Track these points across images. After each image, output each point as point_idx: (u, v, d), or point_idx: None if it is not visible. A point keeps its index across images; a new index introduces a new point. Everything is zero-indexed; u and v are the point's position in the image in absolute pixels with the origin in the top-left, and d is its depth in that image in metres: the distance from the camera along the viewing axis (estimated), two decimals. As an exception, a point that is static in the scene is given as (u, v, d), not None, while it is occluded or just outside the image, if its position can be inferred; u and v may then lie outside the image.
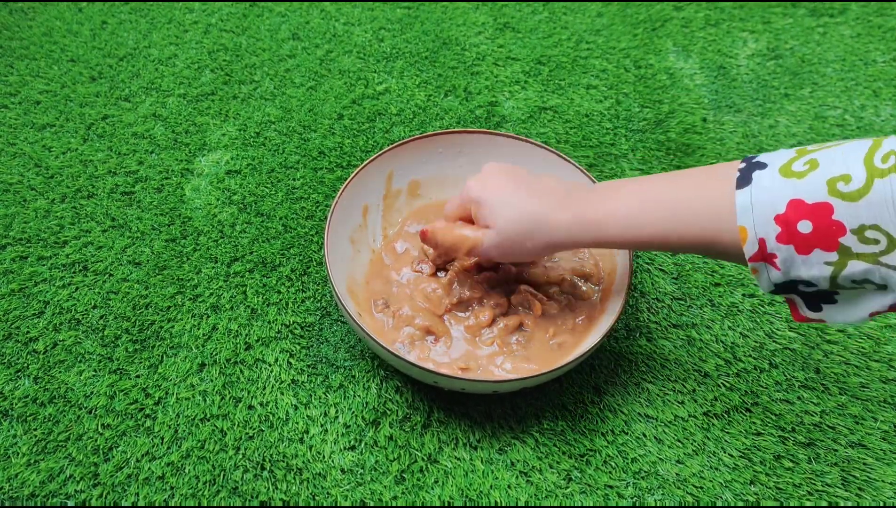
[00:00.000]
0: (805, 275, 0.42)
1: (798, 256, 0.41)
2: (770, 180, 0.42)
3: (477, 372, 0.61)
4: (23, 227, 0.74)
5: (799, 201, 0.40)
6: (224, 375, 0.63)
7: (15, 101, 0.86)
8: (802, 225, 0.40)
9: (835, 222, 0.39)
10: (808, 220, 0.40)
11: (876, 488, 0.58)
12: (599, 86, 0.90)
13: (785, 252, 0.41)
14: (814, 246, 0.40)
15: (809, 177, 0.40)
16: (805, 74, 0.92)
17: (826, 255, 0.40)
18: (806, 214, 0.40)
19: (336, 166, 0.80)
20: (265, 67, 0.92)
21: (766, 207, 0.41)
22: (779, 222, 0.41)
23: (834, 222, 0.39)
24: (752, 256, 0.43)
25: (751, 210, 0.42)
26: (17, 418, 0.60)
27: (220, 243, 0.73)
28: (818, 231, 0.40)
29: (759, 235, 0.42)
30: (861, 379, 0.64)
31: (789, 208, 0.40)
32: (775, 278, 0.43)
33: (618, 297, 0.61)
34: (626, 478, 0.58)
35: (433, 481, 0.58)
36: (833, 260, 0.40)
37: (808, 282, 0.42)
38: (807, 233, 0.40)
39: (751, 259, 0.43)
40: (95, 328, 0.66)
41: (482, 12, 1.00)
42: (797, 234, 0.40)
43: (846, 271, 0.40)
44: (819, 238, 0.40)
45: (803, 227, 0.40)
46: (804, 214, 0.40)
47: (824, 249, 0.40)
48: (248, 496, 0.57)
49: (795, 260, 0.41)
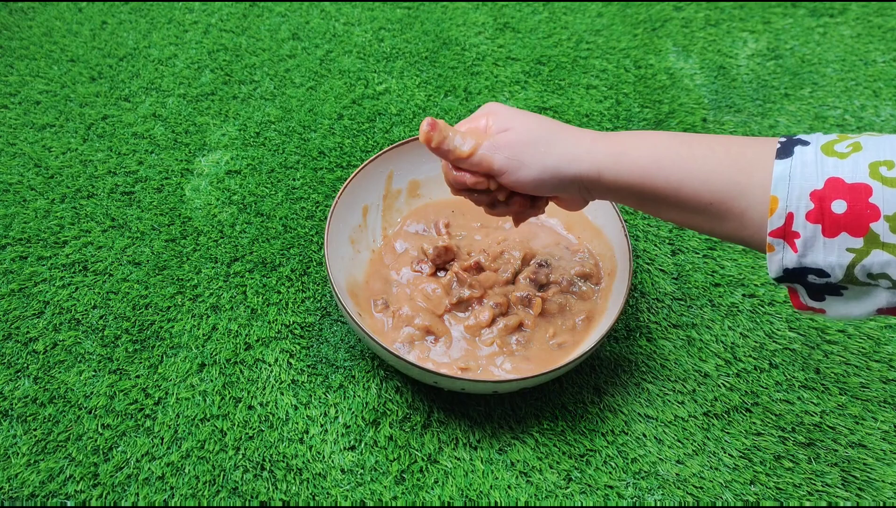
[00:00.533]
0: (821, 261, 0.40)
1: (822, 238, 0.40)
2: (813, 156, 0.40)
3: (477, 372, 0.61)
4: (23, 227, 0.74)
5: (838, 179, 0.39)
6: (224, 375, 0.63)
7: (15, 101, 0.86)
8: (837, 205, 0.39)
9: (870, 205, 0.38)
10: (845, 200, 0.39)
11: (876, 488, 0.58)
12: (599, 86, 0.90)
13: (809, 232, 0.40)
14: (842, 229, 0.39)
15: (852, 158, 0.39)
16: (805, 74, 0.92)
17: (851, 240, 0.39)
18: (843, 193, 0.39)
19: (336, 166, 0.80)
20: (265, 66, 0.92)
21: (805, 180, 0.40)
22: (814, 198, 0.40)
23: (869, 205, 0.38)
24: (775, 230, 0.41)
25: (788, 181, 0.40)
26: (17, 418, 0.60)
27: (220, 243, 0.73)
28: (851, 213, 0.39)
29: (789, 208, 0.40)
30: (861, 379, 0.64)
31: (827, 185, 0.39)
32: (789, 260, 0.42)
33: (618, 297, 0.61)
34: (626, 478, 0.58)
35: (433, 481, 0.58)
36: (857, 247, 0.39)
37: (821, 271, 0.41)
38: (839, 214, 0.39)
39: (771, 233, 0.41)
40: (95, 328, 0.66)
41: (482, 12, 1.00)
42: (829, 213, 0.39)
43: (866, 260, 0.39)
44: (850, 220, 0.39)
45: (837, 207, 0.39)
46: (842, 193, 0.39)
47: (852, 233, 0.39)
48: (248, 496, 0.57)
49: (817, 242, 0.40)
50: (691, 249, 0.73)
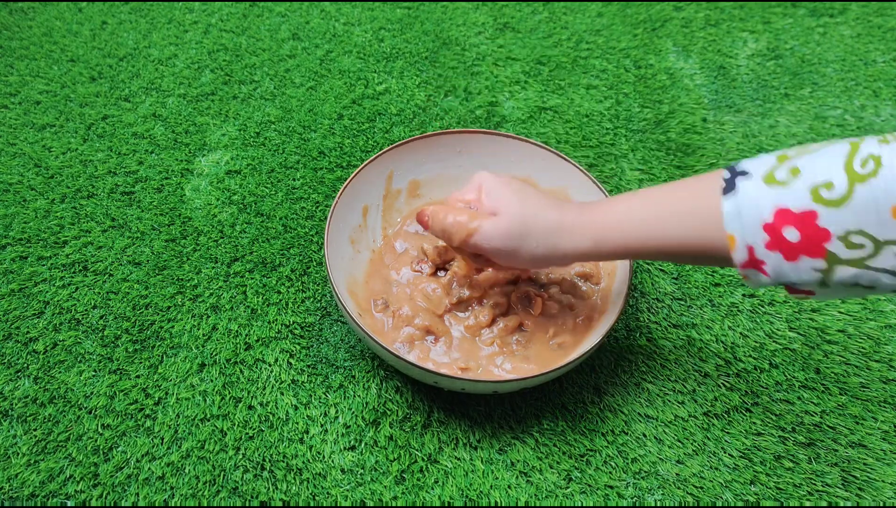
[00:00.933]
0: (795, 279, 0.42)
1: (787, 262, 0.42)
2: (755, 189, 0.42)
3: (477, 372, 0.61)
4: (23, 227, 0.74)
5: (785, 209, 0.41)
6: (224, 375, 0.63)
7: (15, 101, 0.86)
8: (789, 232, 0.41)
9: (820, 228, 0.40)
10: (795, 227, 0.40)
11: (876, 488, 0.58)
12: (599, 86, 0.90)
13: (773, 259, 0.42)
14: (800, 253, 0.41)
15: (792, 184, 0.41)
16: (805, 74, 0.92)
17: (814, 261, 0.41)
18: (792, 221, 0.40)
19: (336, 166, 0.80)
20: (265, 67, 0.92)
21: (753, 214, 0.42)
22: (767, 230, 0.41)
23: (819, 229, 0.40)
24: (742, 263, 0.43)
25: (738, 218, 0.42)
26: (17, 418, 0.60)
27: (220, 243, 0.73)
28: (805, 239, 0.40)
29: (747, 242, 0.42)
30: (861, 379, 0.64)
31: (776, 217, 0.41)
32: (766, 282, 0.44)
33: (618, 297, 0.61)
34: (627, 478, 0.58)
35: (433, 481, 0.58)
36: (821, 267, 0.41)
37: (798, 284, 0.43)
38: (794, 241, 0.41)
39: (741, 266, 0.44)
40: (95, 329, 0.66)
41: (482, 12, 1.00)
42: (784, 241, 0.41)
43: (835, 277, 0.41)
44: (805, 246, 0.40)
45: (790, 235, 0.41)
46: (791, 221, 0.40)
47: (811, 256, 0.41)
48: (248, 496, 0.57)
49: (784, 266, 0.42)
50: (691, 249, 0.73)
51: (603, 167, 0.81)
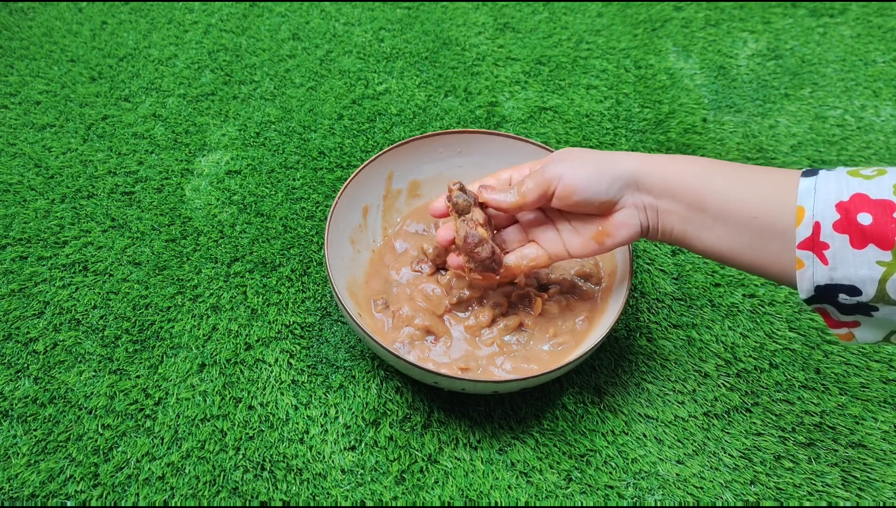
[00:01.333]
0: (852, 275, 0.41)
1: (850, 249, 0.40)
2: (837, 175, 0.42)
3: (477, 372, 0.61)
4: (23, 227, 0.74)
5: (863, 195, 0.40)
6: (224, 375, 0.63)
7: (15, 101, 0.86)
8: (863, 217, 0.40)
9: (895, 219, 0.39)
10: (870, 213, 0.39)
11: (876, 488, 0.58)
12: (599, 86, 0.90)
13: (838, 242, 0.40)
14: (869, 240, 0.40)
15: (877, 179, 0.40)
16: (805, 74, 0.92)
17: (880, 253, 0.39)
18: (869, 207, 0.40)
19: (336, 166, 0.80)
20: (265, 67, 0.92)
21: (830, 193, 0.41)
22: (839, 209, 0.40)
23: (894, 220, 0.39)
24: (803, 241, 0.42)
25: (813, 193, 0.42)
26: (17, 418, 0.60)
27: (221, 243, 0.73)
28: (877, 225, 0.39)
29: (815, 217, 0.41)
30: (861, 379, 0.64)
31: (853, 199, 0.40)
32: (819, 276, 0.42)
33: (618, 297, 0.61)
34: (627, 479, 0.58)
35: (433, 481, 0.58)
36: (886, 260, 0.39)
37: (852, 288, 0.41)
38: (865, 225, 0.39)
39: (799, 246, 0.42)
40: (95, 329, 0.66)
41: (482, 12, 1.00)
42: (855, 224, 0.40)
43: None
44: (876, 233, 0.39)
45: (863, 218, 0.40)
46: (867, 206, 0.40)
47: (879, 245, 0.39)
48: (249, 496, 0.57)
49: (847, 254, 0.40)
50: (691, 249, 0.73)
51: (603, 167, 0.81)
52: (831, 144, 0.84)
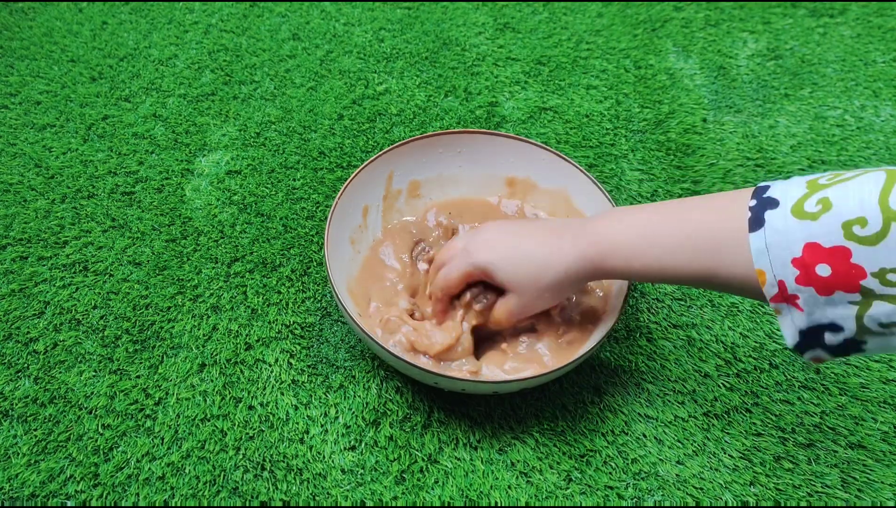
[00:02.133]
0: (830, 316, 0.40)
1: (820, 298, 0.40)
2: (783, 222, 0.40)
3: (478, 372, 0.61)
4: (23, 227, 0.74)
5: (815, 244, 0.39)
6: (224, 375, 0.63)
7: (15, 101, 0.86)
8: (821, 268, 0.39)
9: (854, 265, 0.38)
10: (826, 264, 0.39)
11: (875, 489, 0.58)
12: (599, 86, 0.90)
13: (806, 293, 0.40)
14: (835, 289, 0.39)
15: (823, 219, 0.39)
16: (805, 75, 0.92)
17: (849, 295, 0.39)
18: (823, 257, 0.39)
19: (336, 167, 0.81)
20: (265, 67, 0.92)
21: (782, 250, 0.40)
22: (796, 264, 0.40)
23: (853, 266, 0.38)
24: (774, 297, 0.41)
25: (766, 253, 0.41)
26: (17, 418, 0.60)
27: (221, 243, 0.73)
28: (837, 275, 0.38)
29: (777, 277, 0.41)
30: (861, 380, 0.64)
31: (806, 252, 0.39)
32: (799, 321, 0.41)
33: (618, 297, 0.61)
34: (627, 479, 0.58)
35: (433, 481, 0.58)
36: (857, 300, 0.39)
37: (834, 325, 0.40)
38: (826, 276, 0.39)
39: (772, 300, 0.42)
40: (96, 329, 0.66)
41: (482, 12, 1.00)
42: (816, 277, 0.39)
43: (871, 312, 0.39)
44: (839, 281, 0.39)
45: (822, 270, 0.39)
46: (821, 257, 0.39)
47: (846, 290, 0.39)
48: (249, 496, 0.57)
49: (818, 300, 0.40)
50: (691, 249, 0.73)
51: (603, 167, 0.81)
52: (831, 145, 0.84)
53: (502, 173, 0.72)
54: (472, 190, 0.73)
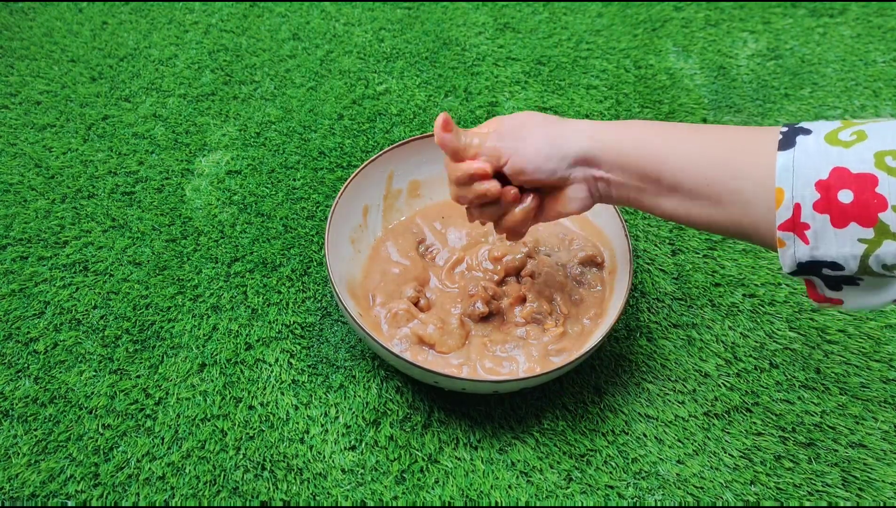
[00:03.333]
0: (834, 253, 0.40)
1: (832, 228, 0.39)
2: (815, 145, 0.39)
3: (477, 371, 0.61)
4: (23, 227, 0.74)
5: (843, 169, 0.38)
6: (224, 375, 0.63)
7: (15, 101, 0.86)
8: (843, 194, 0.38)
9: (877, 195, 0.37)
10: (850, 189, 0.38)
11: (876, 488, 0.58)
12: (599, 86, 0.90)
13: (819, 222, 0.39)
14: (851, 219, 0.38)
15: (856, 147, 0.39)
16: (805, 74, 0.92)
17: (862, 231, 0.38)
18: (849, 182, 0.38)
19: (336, 167, 0.81)
20: (265, 67, 0.92)
21: (809, 170, 0.39)
22: (819, 188, 0.39)
23: (876, 196, 0.37)
24: (784, 223, 0.41)
25: (791, 172, 0.40)
26: (17, 418, 0.60)
27: (221, 243, 0.73)
28: (858, 203, 0.38)
29: (795, 199, 0.40)
30: (861, 379, 0.64)
31: (832, 175, 0.39)
32: (801, 253, 0.41)
33: (618, 297, 0.61)
34: (627, 478, 0.58)
35: (434, 481, 0.58)
36: (868, 237, 0.38)
37: (834, 264, 0.40)
38: (846, 203, 0.38)
39: (780, 227, 0.41)
40: (96, 329, 0.66)
41: (482, 13, 1.00)
42: (836, 203, 0.39)
43: (880, 251, 0.38)
44: (858, 210, 0.38)
45: (844, 196, 0.38)
46: (847, 182, 0.38)
47: (861, 223, 0.38)
48: (249, 496, 0.57)
49: (828, 233, 0.39)
50: (691, 249, 0.73)
51: (603, 167, 0.81)
52: (831, 144, 0.84)
53: None
54: None
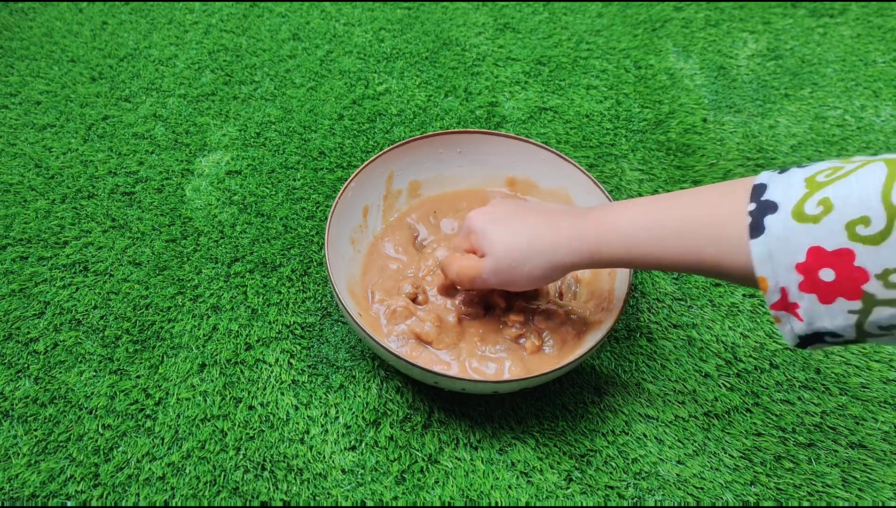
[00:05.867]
0: (829, 326, 0.40)
1: (821, 305, 0.39)
2: (784, 228, 0.39)
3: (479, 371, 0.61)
4: (23, 227, 0.74)
5: (818, 248, 0.38)
6: (224, 375, 0.63)
7: (15, 101, 0.86)
8: (825, 273, 0.38)
9: (857, 268, 0.37)
10: (830, 268, 0.38)
11: (876, 489, 0.58)
12: (600, 86, 0.90)
13: (808, 302, 0.40)
14: (837, 295, 0.38)
15: (825, 221, 0.38)
16: (805, 75, 0.92)
17: (850, 303, 0.38)
18: (827, 261, 0.38)
19: (336, 167, 0.81)
20: (265, 67, 0.92)
21: (786, 255, 0.39)
22: (800, 270, 0.39)
23: (856, 269, 0.37)
24: (775, 304, 0.41)
25: (769, 260, 0.40)
26: (17, 418, 0.60)
27: (221, 243, 0.73)
28: (841, 279, 0.38)
29: (780, 284, 0.40)
30: (861, 380, 0.64)
31: (809, 256, 0.38)
32: (799, 329, 0.41)
33: (618, 297, 0.61)
34: (627, 479, 0.58)
35: (434, 481, 0.58)
36: (857, 308, 0.38)
37: (833, 334, 0.40)
38: (829, 281, 0.38)
39: (772, 307, 0.41)
40: (96, 329, 0.66)
41: (482, 13, 1.00)
42: (820, 282, 0.39)
43: (872, 318, 0.38)
44: (842, 286, 0.38)
45: (825, 275, 0.38)
46: (825, 261, 0.38)
47: (848, 297, 0.38)
48: (249, 496, 0.57)
49: (818, 309, 0.40)
50: (691, 249, 0.73)
51: (603, 167, 0.81)
52: (831, 145, 0.84)
53: (502, 173, 0.72)
54: None
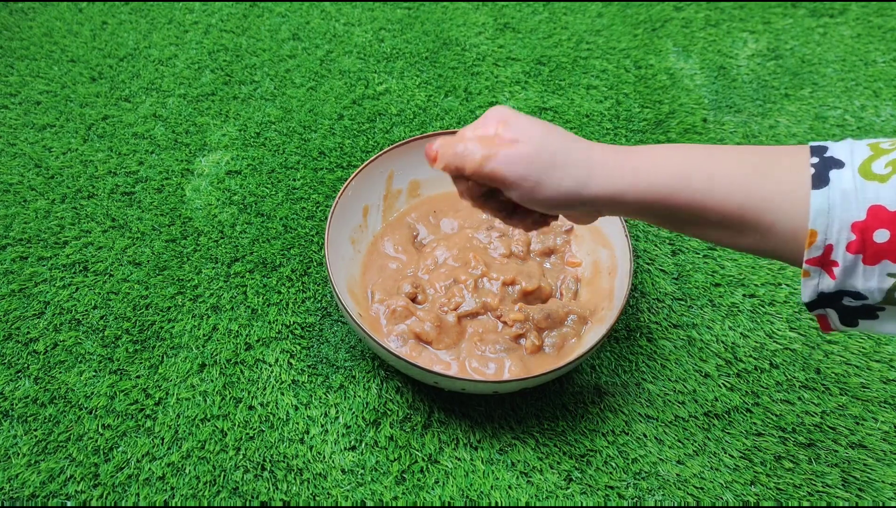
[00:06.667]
0: (860, 286, 0.39)
1: (862, 266, 0.38)
2: (851, 182, 0.38)
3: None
4: (23, 227, 0.74)
5: (880, 207, 0.37)
6: (224, 375, 0.63)
7: (15, 101, 0.86)
8: (879, 234, 0.37)
9: None
10: (887, 229, 0.37)
11: (876, 489, 0.58)
12: (600, 86, 0.90)
13: (849, 261, 0.38)
14: (883, 257, 0.38)
15: (893, 180, 0.37)
16: (805, 75, 0.92)
17: (892, 266, 0.38)
18: (886, 222, 0.37)
19: (336, 167, 0.80)
20: (265, 67, 0.92)
21: (846, 212, 0.38)
22: (856, 229, 0.38)
23: None
24: (811, 259, 0.39)
25: (827, 214, 0.38)
26: (17, 418, 0.60)
27: (221, 243, 0.73)
28: (894, 241, 0.37)
29: (828, 240, 0.39)
30: (861, 380, 0.64)
31: (869, 215, 0.37)
32: (826, 286, 0.40)
33: (618, 297, 0.61)
34: (627, 479, 0.58)
35: (434, 481, 0.58)
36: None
37: (858, 294, 0.39)
38: (881, 243, 0.37)
39: (808, 261, 0.40)
40: (96, 329, 0.66)
41: (482, 13, 1.00)
42: (871, 243, 0.38)
43: None
44: (893, 248, 0.37)
45: (880, 236, 0.37)
46: (884, 222, 0.37)
47: (894, 260, 0.37)
48: (249, 496, 0.57)
49: (857, 270, 0.38)
50: (691, 249, 0.73)
51: (603, 167, 0.81)
52: (831, 145, 0.84)
53: None
54: None
